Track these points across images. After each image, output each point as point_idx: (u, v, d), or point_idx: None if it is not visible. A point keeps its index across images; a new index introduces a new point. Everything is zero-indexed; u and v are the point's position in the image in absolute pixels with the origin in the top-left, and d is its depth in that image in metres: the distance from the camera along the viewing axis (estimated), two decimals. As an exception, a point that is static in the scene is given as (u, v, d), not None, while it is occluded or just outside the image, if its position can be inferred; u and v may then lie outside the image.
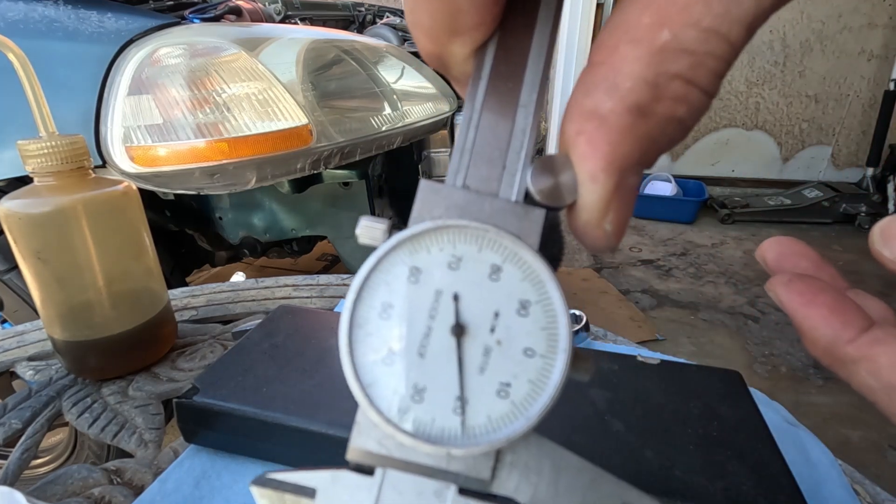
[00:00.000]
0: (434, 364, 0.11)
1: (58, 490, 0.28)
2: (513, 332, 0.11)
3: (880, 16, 2.47)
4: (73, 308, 0.36)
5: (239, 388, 0.29)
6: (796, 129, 2.74)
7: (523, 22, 0.12)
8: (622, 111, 0.11)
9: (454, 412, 0.11)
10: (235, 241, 1.22)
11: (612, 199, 0.11)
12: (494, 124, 0.12)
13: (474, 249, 0.11)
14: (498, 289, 0.11)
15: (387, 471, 0.12)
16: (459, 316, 0.11)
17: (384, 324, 0.11)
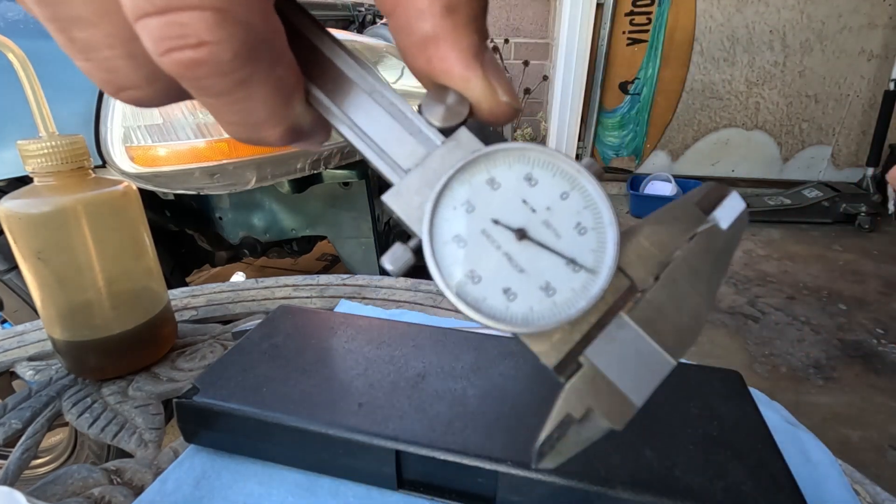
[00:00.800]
0: (495, 255, 0.13)
1: (58, 490, 0.28)
2: (567, 245, 0.13)
3: (880, 16, 2.46)
4: (73, 308, 0.36)
5: (239, 389, 0.29)
6: (796, 129, 2.74)
7: (309, 58, 0.14)
8: (440, 21, 0.12)
9: (504, 296, 0.13)
10: (235, 241, 1.22)
11: (488, 78, 0.13)
12: (374, 120, 0.14)
13: (549, 174, 0.13)
14: (564, 208, 0.13)
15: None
16: (523, 222, 0.13)
17: (463, 215, 0.13)
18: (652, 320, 0.13)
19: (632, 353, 0.13)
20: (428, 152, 0.14)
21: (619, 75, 2.67)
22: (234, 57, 0.10)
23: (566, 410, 0.13)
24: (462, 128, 0.13)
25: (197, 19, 0.10)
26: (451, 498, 0.27)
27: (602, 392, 0.13)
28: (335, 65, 0.14)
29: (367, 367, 0.31)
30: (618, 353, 0.13)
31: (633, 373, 0.12)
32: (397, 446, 0.26)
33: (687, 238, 0.13)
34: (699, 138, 2.83)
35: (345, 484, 0.28)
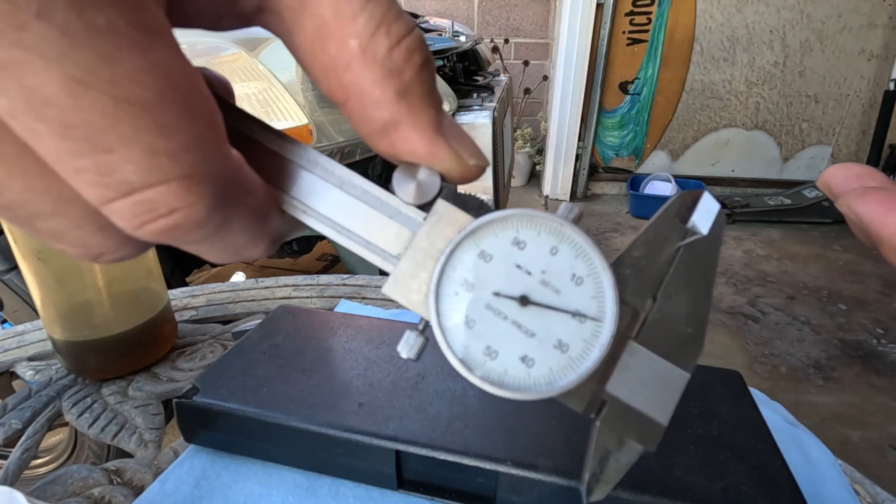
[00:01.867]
0: (505, 327, 0.13)
1: (58, 490, 0.28)
2: (568, 299, 0.13)
3: (880, 16, 2.46)
4: (73, 308, 0.36)
5: (239, 389, 0.29)
6: (796, 129, 2.74)
7: (274, 168, 0.13)
8: (395, 107, 0.12)
9: (523, 364, 0.13)
10: (235, 241, 1.22)
11: (453, 147, 0.13)
12: (351, 213, 0.14)
13: (534, 233, 0.13)
14: (557, 263, 0.13)
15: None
16: (523, 288, 0.13)
17: (465, 296, 0.13)
18: (658, 339, 0.13)
19: (648, 377, 0.13)
20: (413, 233, 0.14)
21: (619, 75, 2.67)
22: (208, 211, 0.11)
23: (604, 447, 0.14)
24: (439, 200, 0.14)
25: (164, 193, 0.10)
26: (451, 498, 0.27)
27: (630, 421, 0.13)
28: (300, 166, 0.14)
29: (367, 368, 0.31)
30: (635, 379, 0.13)
31: (654, 394, 0.13)
32: (397, 446, 0.26)
33: (673, 252, 0.13)
34: (699, 138, 2.83)
35: (345, 484, 0.28)
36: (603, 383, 0.13)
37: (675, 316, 0.13)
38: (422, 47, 0.12)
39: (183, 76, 0.10)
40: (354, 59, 0.11)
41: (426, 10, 2.84)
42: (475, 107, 1.31)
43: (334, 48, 0.11)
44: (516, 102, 2.83)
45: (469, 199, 0.14)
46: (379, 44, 0.11)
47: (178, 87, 0.09)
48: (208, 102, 0.10)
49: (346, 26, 0.11)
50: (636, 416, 0.13)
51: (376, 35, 0.11)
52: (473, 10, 2.92)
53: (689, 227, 0.13)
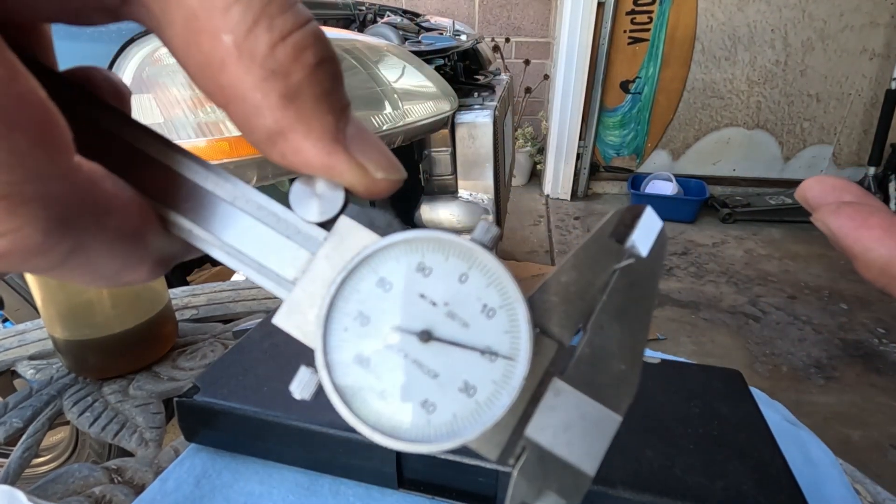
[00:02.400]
0: (402, 367, 0.12)
1: (59, 489, 0.28)
2: (477, 335, 0.11)
3: (882, 14, 2.46)
4: (73, 307, 0.36)
5: (239, 388, 0.29)
6: (798, 129, 2.74)
7: (154, 178, 0.12)
8: (281, 114, 0.10)
9: (423, 410, 0.11)
10: (236, 241, 1.22)
11: (355, 159, 0.11)
12: (244, 232, 0.12)
13: (442, 258, 0.12)
14: (465, 292, 0.11)
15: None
16: (426, 322, 0.11)
17: (358, 331, 0.12)
18: (588, 378, 0.12)
19: (575, 419, 0.12)
20: (311, 254, 0.12)
21: (621, 74, 2.67)
22: (46, 236, 0.09)
23: (519, 499, 0.12)
24: (342, 217, 0.12)
25: None
26: (452, 497, 0.27)
27: (552, 470, 0.11)
28: (187, 179, 0.12)
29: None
30: (560, 422, 0.11)
31: (580, 440, 0.12)
32: (398, 445, 0.26)
33: (607, 277, 0.12)
34: (700, 137, 2.83)
35: (345, 483, 0.28)
36: (523, 426, 0.11)
37: (607, 350, 0.12)
38: (316, 44, 0.10)
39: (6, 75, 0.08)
40: (230, 57, 0.10)
41: (427, 8, 2.84)
42: (476, 106, 1.31)
43: (206, 44, 0.10)
44: (517, 101, 2.83)
45: (377, 216, 0.12)
46: (258, 40, 0.10)
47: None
48: (40, 111, 0.09)
49: (217, 19, 0.10)
50: (559, 464, 0.11)
51: (254, 30, 0.10)
52: (474, 9, 2.92)
53: (627, 248, 0.12)
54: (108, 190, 0.10)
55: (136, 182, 0.11)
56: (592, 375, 0.12)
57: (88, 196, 0.10)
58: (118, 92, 0.13)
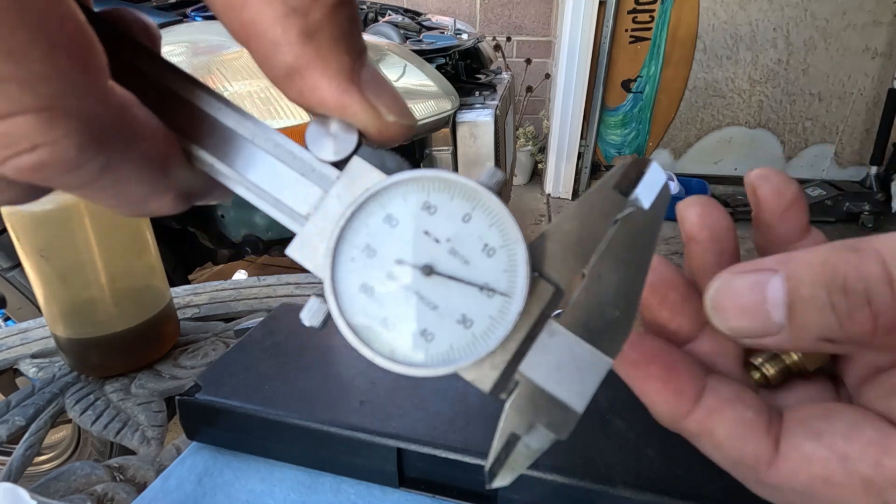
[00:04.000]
0: (404, 298, 0.12)
1: (61, 487, 0.29)
2: (477, 271, 0.12)
3: (885, 13, 2.45)
4: (76, 305, 0.36)
5: (241, 386, 0.29)
6: (799, 128, 2.73)
7: (181, 114, 0.13)
8: (300, 50, 0.11)
9: (422, 338, 0.12)
10: (237, 239, 1.23)
11: (368, 100, 0.12)
12: (262, 168, 0.13)
13: (447, 198, 0.12)
14: (468, 231, 0.12)
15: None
16: (429, 257, 0.12)
17: (364, 262, 0.12)
18: (582, 321, 0.12)
19: (567, 360, 0.12)
20: (324, 192, 0.13)
21: (622, 73, 2.66)
22: (80, 150, 0.10)
23: (510, 430, 0.13)
24: (354, 157, 0.12)
25: (21, 125, 0.09)
26: (453, 496, 0.27)
27: (542, 405, 0.12)
28: (211, 115, 0.13)
29: (369, 365, 0.31)
30: (553, 362, 0.12)
31: (571, 379, 0.12)
32: (399, 444, 0.26)
33: (607, 227, 0.12)
34: (702, 136, 2.82)
35: (346, 481, 0.28)
36: (517, 363, 0.12)
37: (603, 297, 0.12)
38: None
39: (39, 2, 0.09)
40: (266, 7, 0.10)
41: (428, 7, 2.84)
42: (477, 105, 1.31)
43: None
44: (518, 100, 2.82)
45: (389, 159, 0.13)
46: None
47: (28, 10, 0.08)
48: (79, 34, 0.09)
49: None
50: (549, 400, 0.12)
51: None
52: (475, 8, 2.92)
53: (630, 200, 0.12)
54: (137, 116, 0.11)
55: (163, 116, 0.12)
56: (587, 320, 0.12)
57: (120, 118, 0.10)
58: (149, 32, 0.13)
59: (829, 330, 0.12)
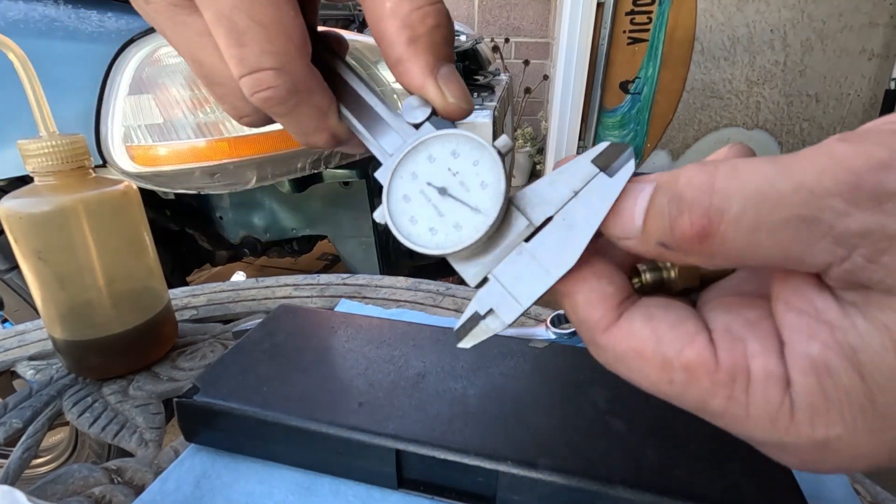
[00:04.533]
0: (425, 206, 0.18)
1: (58, 489, 0.28)
2: (473, 197, 0.18)
3: (881, 15, 2.46)
4: (73, 307, 0.36)
5: (239, 388, 0.29)
6: (797, 129, 2.74)
7: (339, 87, 0.21)
8: (405, 49, 0.18)
9: (429, 232, 0.18)
10: (236, 241, 1.22)
11: (438, 86, 0.18)
12: (375, 124, 0.20)
13: (467, 148, 0.18)
14: (475, 171, 0.18)
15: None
16: (445, 183, 0.18)
17: (409, 181, 0.19)
18: (540, 249, 0.17)
19: (524, 272, 0.17)
20: (404, 141, 0.19)
21: (620, 74, 2.67)
22: (286, 93, 0.18)
23: (475, 309, 0.17)
24: (426, 122, 0.19)
25: (266, 76, 0.17)
26: (452, 497, 0.27)
27: (500, 296, 0.17)
28: (354, 89, 0.21)
29: (368, 367, 0.31)
30: (514, 271, 0.17)
31: (524, 285, 0.17)
32: (397, 445, 0.26)
33: (578, 186, 0.17)
34: (700, 138, 2.83)
35: (345, 483, 0.28)
36: (493, 267, 0.18)
37: (559, 237, 0.17)
38: (437, 15, 0.18)
39: (287, 18, 0.17)
40: (386, 13, 0.18)
41: (426, 9, 2.84)
42: (476, 106, 1.31)
43: (377, 8, 0.18)
44: (517, 102, 2.82)
45: (444, 125, 0.19)
46: (403, 7, 0.17)
47: (281, 21, 0.17)
48: (299, 35, 0.18)
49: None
50: (505, 294, 0.17)
51: (402, 2, 0.17)
52: (474, 10, 2.92)
53: (601, 172, 0.16)
54: (317, 81, 0.19)
55: (330, 84, 0.20)
56: (543, 249, 0.17)
57: (309, 80, 0.19)
58: (340, 41, 0.22)
59: (663, 234, 0.14)
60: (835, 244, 0.12)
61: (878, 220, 0.11)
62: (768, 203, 0.12)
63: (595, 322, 0.16)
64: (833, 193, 0.12)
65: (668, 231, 0.14)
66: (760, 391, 0.13)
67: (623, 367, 0.16)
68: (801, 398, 0.13)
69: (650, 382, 0.15)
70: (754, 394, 0.13)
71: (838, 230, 0.12)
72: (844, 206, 0.12)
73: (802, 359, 0.13)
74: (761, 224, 0.12)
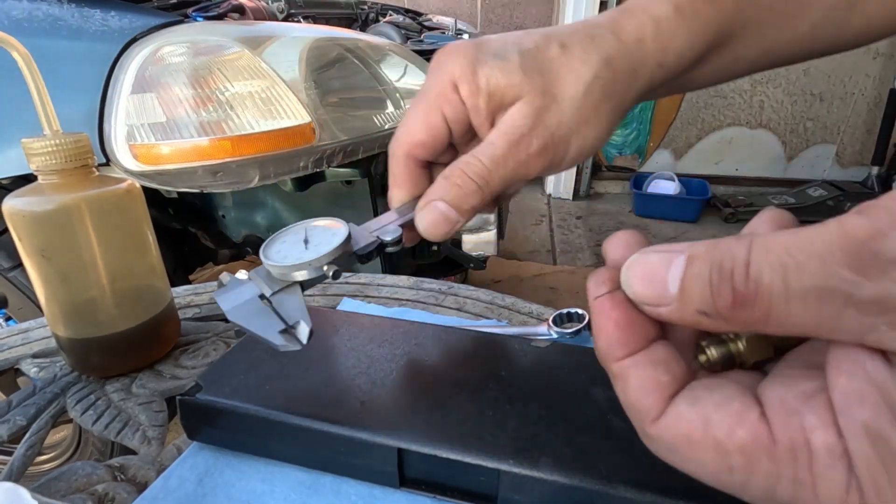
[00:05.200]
0: (298, 248, 0.27)
1: (62, 486, 0.29)
2: (313, 250, 0.27)
3: (886, 14, 2.45)
4: (76, 305, 0.36)
5: (242, 386, 0.29)
6: (801, 128, 2.73)
7: None
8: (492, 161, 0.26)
9: (293, 261, 0.27)
10: (238, 240, 1.23)
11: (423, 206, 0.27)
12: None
13: (316, 232, 0.29)
14: (321, 239, 0.28)
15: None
16: (307, 240, 0.28)
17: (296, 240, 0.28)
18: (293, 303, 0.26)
19: (288, 306, 0.26)
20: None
21: (623, 73, 2.66)
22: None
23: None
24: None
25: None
26: (453, 496, 0.27)
27: (271, 315, 0.26)
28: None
29: (370, 366, 0.31)
30: (281, 301, 0.26)
31: (287, 313, 0.25)
32: (399, 444, 0.26)
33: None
34: (703, 137, 2.82)
35: (347, 482, 0.28)
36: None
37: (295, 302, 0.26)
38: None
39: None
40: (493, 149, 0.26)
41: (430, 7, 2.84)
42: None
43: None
44: (519, 101, 2.82)
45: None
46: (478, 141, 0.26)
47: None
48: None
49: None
50: (271, 314, 0.26)
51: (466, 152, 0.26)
52: (477, 9, 2.92)
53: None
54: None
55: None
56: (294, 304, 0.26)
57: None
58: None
59: (704, 303, 0.14)
60: (860, 314, 0.12)
61: (884, 289, 0.11)
62: (792, 274, 0.12)
63: (645, 411, 0.15)
64: (841, 263, 0.12)
65: (708, 299, 0.14)
66: (825, 469, 0.13)
67: (677, 458, 0.15)
68: (862, 472, 0.12)
69: (709, 472, 0.15)
70: (820, 473, 0.13)
71: (857, 299, 0.12)
72: (853, 276, 0.12)
73: (855, 425, 0.12)
74: (791, 294, 0.12)
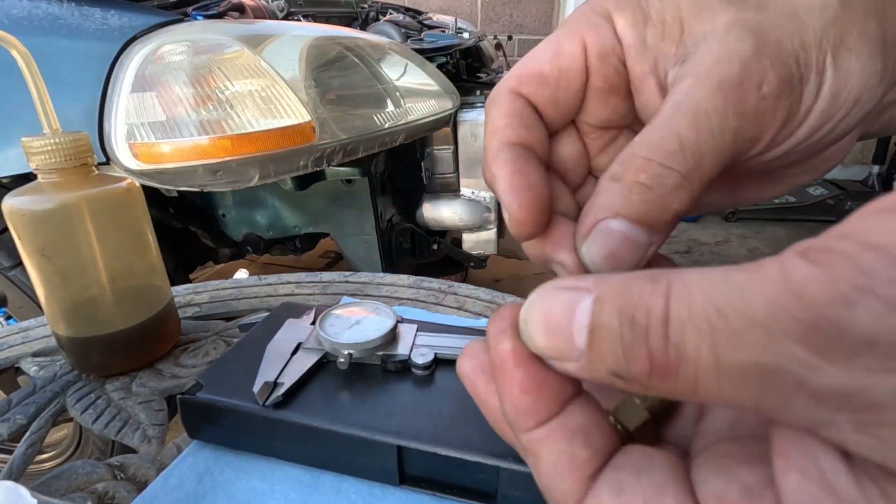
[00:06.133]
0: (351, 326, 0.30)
1: (62, 485, 0.29)
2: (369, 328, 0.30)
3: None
4: (76, 304, 0.36)
5: (242, 385, 0.29)
6: (801, 127, 2.73)
7: None
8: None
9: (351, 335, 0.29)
10: (238, 239, 1.23)
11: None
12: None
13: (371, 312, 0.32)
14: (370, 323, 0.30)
15: None
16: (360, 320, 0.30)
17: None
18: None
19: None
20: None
21: (623, 72, 2.66)
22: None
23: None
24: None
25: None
26: (453, 494, 0.27)
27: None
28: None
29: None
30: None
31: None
32: (399, 442, 0.26)
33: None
34: (703, 136, 2.81)
35: (347, 480, 0.28)
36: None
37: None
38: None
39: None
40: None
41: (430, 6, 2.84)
42: (478, 104, 1.31)
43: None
44: (519, 100, 2.82)
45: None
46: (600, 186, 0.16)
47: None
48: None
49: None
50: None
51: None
52: (477, 7, 2.92)
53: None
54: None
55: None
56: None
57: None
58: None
59: (617, 364, 0.11)
60: (815, 405, 0.09)
61: (853, 379, 0.08)
62: (724, 344, 0.09)
63: (562, 498, 0.13)
64: (792, 337, 0.08)
65: (622, 361, 0.11)
66: None
67: None
68: None
69: None
70: None
71: (814, 388, 0.09)
72: (809, 357, 0.08)
73: None
74: (722, 370, 0.09)
